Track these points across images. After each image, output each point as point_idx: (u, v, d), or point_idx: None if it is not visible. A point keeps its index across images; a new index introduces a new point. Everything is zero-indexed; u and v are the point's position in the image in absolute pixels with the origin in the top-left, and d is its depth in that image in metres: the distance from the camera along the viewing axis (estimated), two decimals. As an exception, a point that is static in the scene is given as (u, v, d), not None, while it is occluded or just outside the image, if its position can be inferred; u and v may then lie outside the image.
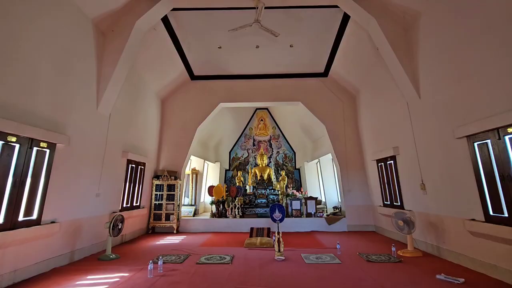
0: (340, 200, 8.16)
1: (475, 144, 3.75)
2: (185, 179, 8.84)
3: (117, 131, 5.91)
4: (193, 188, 8.93)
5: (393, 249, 4.78)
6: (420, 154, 5.07)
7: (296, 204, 7.97)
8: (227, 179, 11.29)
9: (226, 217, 7.88)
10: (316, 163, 10.53)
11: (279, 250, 4.70)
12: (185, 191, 8.99)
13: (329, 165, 9.54)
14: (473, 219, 3.85)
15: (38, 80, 3.90)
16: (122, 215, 5.08)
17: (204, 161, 9.64)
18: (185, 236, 6.97)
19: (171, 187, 7.67)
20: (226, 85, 8.47)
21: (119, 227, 4.95)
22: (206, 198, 10.08)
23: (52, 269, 4.11)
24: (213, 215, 7.96)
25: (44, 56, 3.99)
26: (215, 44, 7.01)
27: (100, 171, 5.29)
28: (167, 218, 7.50)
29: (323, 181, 9.44)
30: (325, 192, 9.35)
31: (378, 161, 6.75)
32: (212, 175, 10.72)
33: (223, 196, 7.99)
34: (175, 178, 7.70)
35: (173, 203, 7.56)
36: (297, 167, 11.40)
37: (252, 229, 6.42)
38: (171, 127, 8.30)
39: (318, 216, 7.75)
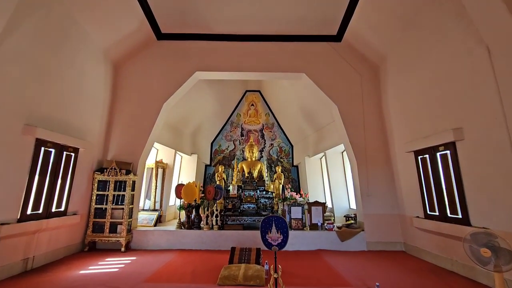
0: (356, 207, 6.14)
1: None
2: (145, 174, 6.63)
3: (12, 88, 3.67)
4: (157, 187, 6.73)
5: (477, 299, 2.76)
6: (516, 135, 3.08)
7: (296, 212, 5.89)
8: (207, 177, 9.14)
9: (199, 228, 5.73)
10: (320, 159, 8.51)
11: (277, 302, 2.61)
12: (146, 191, 6.78)
13: (338, 160, 7.53)
14: None
15: None
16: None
17: (175, 152, 7.46)
18: (135, 258, 4.80)
19: (121, 185, 5.46)
20: (205, 48, 6.33)
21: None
22: (178, 201, 7.90)
23: None
24: (180, 226, 5.79)
25: None
26: (186, -23, 4.86)
27: (-37, 153, 3.05)
28: (113, 229, 5.29)
29: (329, 181, 7.43)
30: (332, 195, 7.33)
31: (418, 152, 4.76)
32: (187, 171, 8.53)
33: (196, 199, 5.83)
34: (128, 173, 5.49)
35: (123, 208, 5.35)
36: (294, 164, 9.36)
37: (233, 250, 4.31)
38: (127, 102, 6.09)
39: (326, 229, 5.70)
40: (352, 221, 5.96)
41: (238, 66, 6.26)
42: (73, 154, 4.82)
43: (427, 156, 4.54)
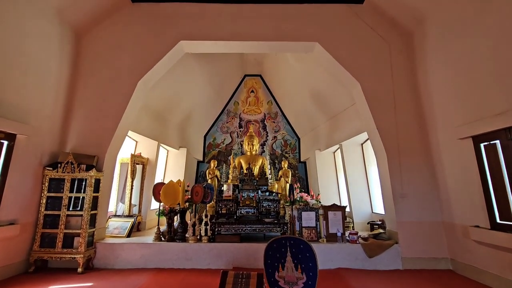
0: (384, 211, 4.93)
1: None
2: (118, 171, 5.43)
3: None
4: (133, 188, 5.49)
5: None
6: None
7: (308, 219, 4.66)
8: (200, 175, 7.91)
9: (183, 239, 4.50)
10: (334, 152, 7.26)
11: None
12: (121, 193, 5.55)
13: (357, 153, 6.28)
14: None
15: None
16: None
17: (158, 145, 6.22)
18: (91, 284, 3.58)
19: (80, 185, 4.24)
20: (192, 12, 5.10)
21: None
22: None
23: None
24: (159, 236, 4.56)
25: None
26: None
27: None
28: (68, 243, 4.07)
29: (346, 180, 6.17)
30: (350, 197, 6.07)
31: (481, 138, 3.53)
32: (174, 168, 7.29)
33: (179, 202, 4.60)
34: (89, 168, 4.26)
35: (82, 214, 4.12)
36: (302, 160, 8.12)
37: (224, 276, 3.06)
38: (92, 78, 4.87)
39: (348, 240, 4.47)
40: (381, 230, 4.71)
41: (233, 34, 5.03)
42: (5, 142, 3.58)
43: (496, 142, 3.30)
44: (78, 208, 4.18)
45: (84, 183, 4.21)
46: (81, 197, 4.20)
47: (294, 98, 7.76)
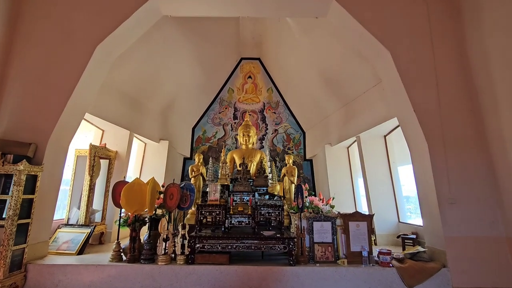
0: (422, 222, 3.80)
1: None
2: (74, 166, 4.27)
3: None
4: (92, 189, 4.28)
5: None
6: None
7: (322, 231, 3.52)
8: (186, 175, 6.73)
9: (151, 260, 3.33)
10: (348, 147, 6.11)
11: None
12: (76, 195, 4.36)
13: (378, 147, 5.14)
14: None
15: None
16: None
17: (130, 135, 5.05)
18: (-2, 333, 2.39)
19: (7, 183, 3.08)
20: (170, -42, 3.96)
21: None
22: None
23: None
24: (119, 255, 3.39)
25: None
26: None
27: None
28: (-19, 265, 2.89)
29: (366, 181, 5.00)
30: (371, 202, 4.91)
31: None
32: (153, 165, 6.10)
33: (147, 208, 3.42)
34: (18, 160, 3.09)
35: (3, 225, 2.95)
36: (308, 157, 6.97)
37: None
38: (35, 42, 3.72)
39: (378, 262, 3.32)
40: (420, 248, 3.55)
41: (224, -12, 3.91)
42: None
43: None
44: (2, 216, 3.03)
45: (9, 180, 3.05)
46: (7, 201, 3.04)
47: (299, 83, 6.62)
